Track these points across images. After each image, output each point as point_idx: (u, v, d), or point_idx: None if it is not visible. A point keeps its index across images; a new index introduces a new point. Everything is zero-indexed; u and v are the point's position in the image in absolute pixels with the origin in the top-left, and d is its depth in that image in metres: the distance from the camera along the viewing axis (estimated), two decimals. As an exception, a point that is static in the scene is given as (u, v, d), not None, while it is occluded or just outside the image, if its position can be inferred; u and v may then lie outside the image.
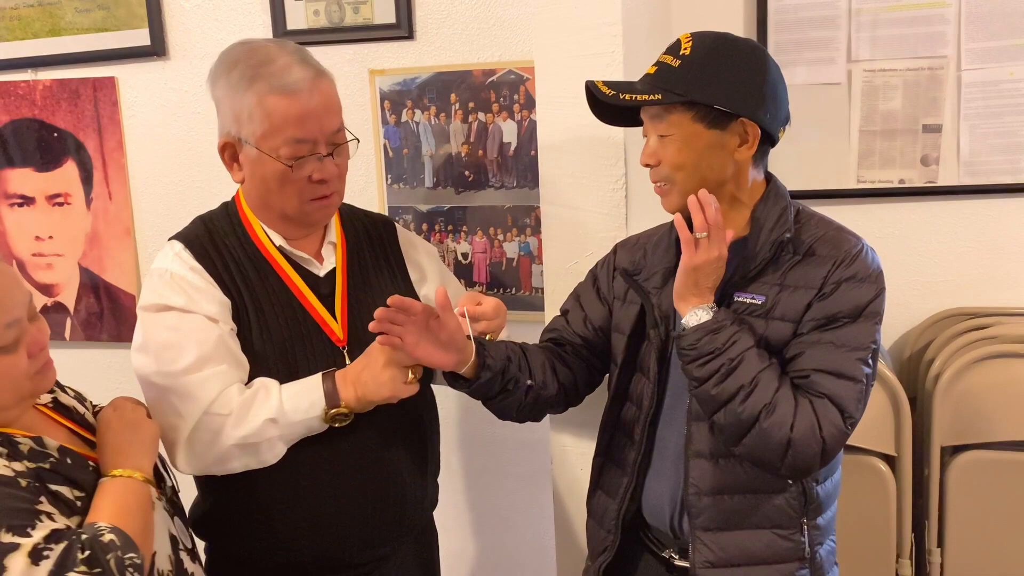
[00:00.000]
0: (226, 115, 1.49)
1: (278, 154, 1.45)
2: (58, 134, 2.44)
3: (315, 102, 1.45)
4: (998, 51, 1.97)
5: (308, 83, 1.44)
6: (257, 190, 1.52)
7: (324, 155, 1.48)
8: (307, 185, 1.48)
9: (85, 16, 2.36)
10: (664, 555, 1.53)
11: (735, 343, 1.32)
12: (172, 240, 1.56)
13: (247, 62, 1.46)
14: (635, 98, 1.39)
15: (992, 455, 1.89)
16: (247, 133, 1.46)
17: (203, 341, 1.45)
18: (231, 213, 1.59)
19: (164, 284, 1.49)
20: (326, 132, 1.48)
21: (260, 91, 1.43)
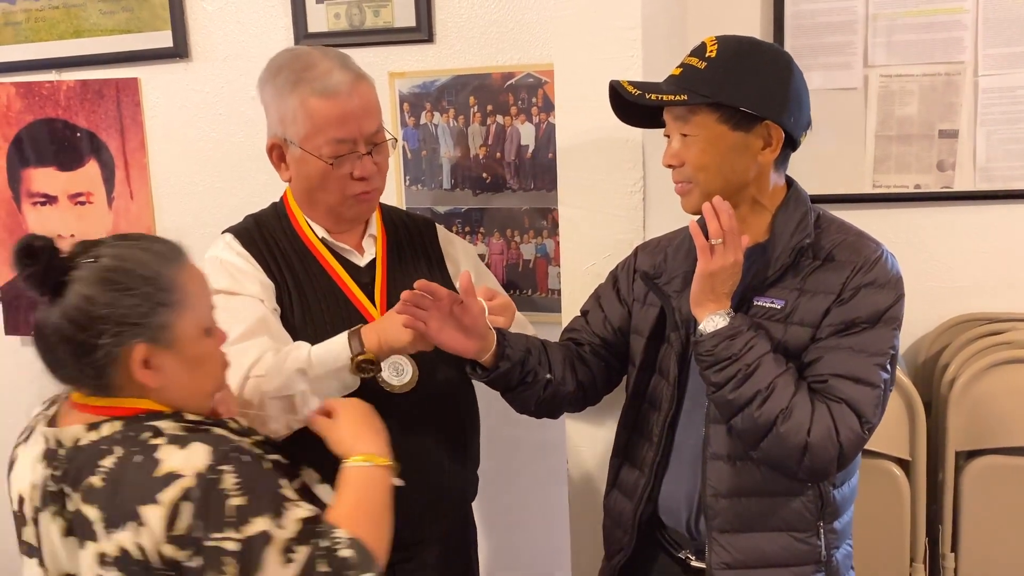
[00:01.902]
0: (273, 118, 1.58)
1: (320, 153, 1.53)
2: (81, 134, 2.46)
3: (354, 104, 1.53)
4: (1015, 57, 1.97)
5: (348, 86, 1.53)
6: (303, 187, 1.60)
7: (363, 153, 1.56)
8: (348, 182, 1.56)
9: (109, 18, 2.38)
10: (680, 556, 1.54)
11: (751, 348, 1.33)
12: (224, 233, 1.64)
13: (291, 67, 1.54)
14: (661, 98, 1.40)
15: (1007, 460, 1.89)
16: (292, 134, 1.55)
17: (246, 318, 1.51)
18: (279, 209, 1.67)
19: (213, 269, 1.55)
20: (365, 132, 1.55)
21: (303, 94, 1.52)
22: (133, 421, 1.14)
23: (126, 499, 1.07)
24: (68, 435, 1.14)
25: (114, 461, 1.10)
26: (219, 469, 1.08)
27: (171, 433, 1.12)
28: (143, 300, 1.13)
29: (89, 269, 1.11)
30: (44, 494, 1.14)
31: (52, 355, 1.15)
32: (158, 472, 1.07)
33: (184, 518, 1.05)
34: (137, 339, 1.13)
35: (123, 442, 1.11)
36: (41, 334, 1.14)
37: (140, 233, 1.20)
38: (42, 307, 1.13)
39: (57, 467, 1.13)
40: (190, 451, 1.09)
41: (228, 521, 1.06)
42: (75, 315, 1.10)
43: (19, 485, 1.19)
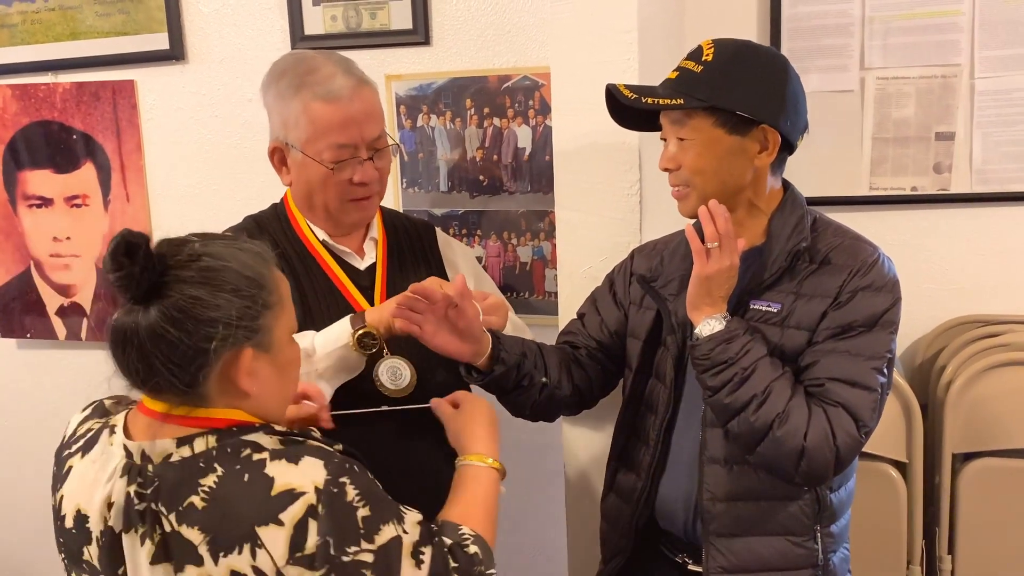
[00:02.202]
0: (275, 121, 1.58)
1: (321, 157, 1.53)
2: (77, 136, 2.46)
3: (356, 109, 1.53)
4: (1011, 59, 1.98)
5: (350, 91, 1.52)
6: (303, 191, 1.60)
7: (364, 159, 1.55)
8: (348, 186, 1.56)
9: (105, 20, 2.38)
10: (677, 560, 1.54)
11: (748, 352, 1.32)
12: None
13: (295, 71, 1.54)
14: (657, 102, 1.40)
15: (1003, 462, 1.89)
16: (293, 138, 1.55)
17: None
18: (279, 211, 1.67)
19: None
20: (367, 137, 1.55)
21: (305, 98, 1.52)
22: (227, 435, 1.06)
23: (239, 520, 1.01)
24: (157, 450, 1.06)
25: (215, 480, 1.03)
26: (339, 482, 1.04)
27: (272, 448, 1.05)
28: (252, 302, 1.08)
29: (193, 269, 1.05)
30: (129, 513, 1.06)
31: (145, 362, 1.04)
32: (275, 490, 1.01)
33: (311, 536, 1.00)
34: (245, 343, 1.07)
35: (221, 459, 1.04)
36: (130, 339, 1.03)
37: (225, 232, 1.14)
38: (130, 310, 1.04)
39: (145, 484, 1.05)
40: (304, 466, 1.04)
41: (360, 533, 1.03)
42: (180, 318, 1.03)
43: (78, 499, 1.11)
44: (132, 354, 1.04)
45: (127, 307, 1.04)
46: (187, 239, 1.09)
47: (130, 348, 1.04)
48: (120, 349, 1.05)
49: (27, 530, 2.75)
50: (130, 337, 1.03)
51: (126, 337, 1.04)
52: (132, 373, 1.06)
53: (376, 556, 1.03)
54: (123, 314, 1.04)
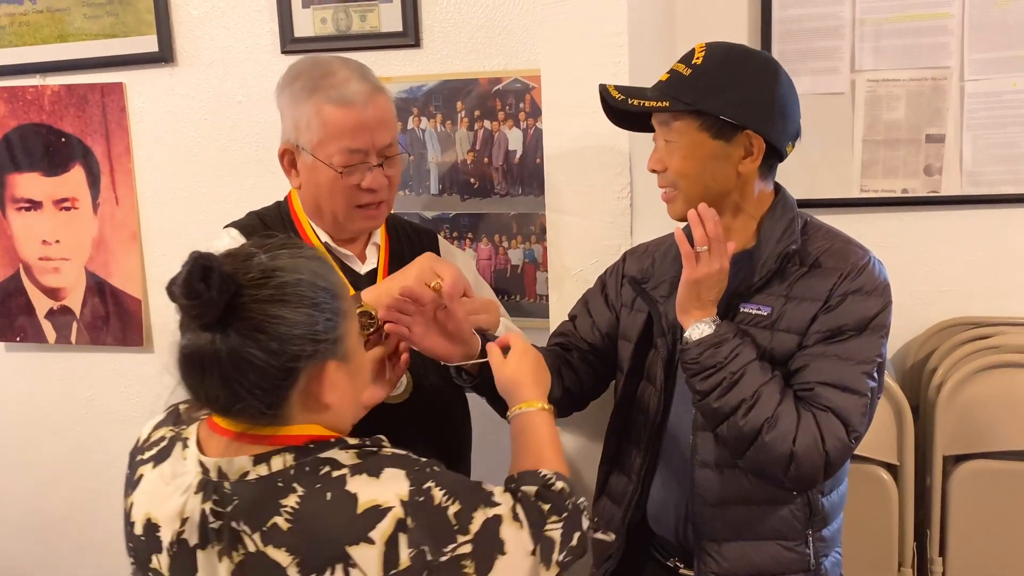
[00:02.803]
0: (287, 123, 1.57)
1: (331, 161, 1.52)
2: (66, 139, 2.45)
3: (369, 115, 1.52)
4: (1001, 62, 1.98)
5: (364, 96, 1.52)
6: (311, 195, 1.59)
7: (374, 165, 1.54)
8: (356, 192, 1.55)
9: (93, 22, 2.37)
10: (669, 563, 1.54)
11: (737, 356, 1.32)
12: (228, 227, 1.62)
13: (309, 74, 1.54)
14: (643, 104, 1.40)
15: (994, 464, 1.89)
16: (305, 141, 1.54)
17: None
18: (283, 210, 1.66)
19: None
20: (378, 144, 1.54)
21: (318, 101, 1.51)
22: (304, 453, 1.04)
23: (328, 541, 0.99)
24: (233, 467, 1.03)
25: (297, 500, 1.00)
26: (424, 488, 1.02)
27: (351, 464, 1.03)
28: (331, 313, 1.05)
29: (270, 287, 1.01)
30: (204, 530, 1.03)
31: (228, 389, 1.01)
32: (360, 508, 0.99)
33: (403, 551, 0.99)
34: (330, 357, 1.05)
35: (300, 478, 1.01)
36: (210, 366, 1.00)
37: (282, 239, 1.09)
38: (203, 335, 1.00)
39: (221, 502, 1.03)
40: (386, 479, 1.02)
41: (455, 529, 1.03)
42: (264, 340, 0.99)
43: (150, 508, 1.09)
44: (212, 381, 1.01)
45: (197, 331, 1.00)
46: (250, 252, 1.04)
47: (210, 375, 1.00)
48: (197, 377, 1.02)
49: (18, 532, 2.74)
50: (210, 364, 1.00)
51: (204, 364, 1.00)
52: (211, 400, 1.04)
53: (474, 544, 1.03)
54: (195, 339, 1.00)
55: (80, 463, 2.64)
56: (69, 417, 2.62)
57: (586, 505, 1.18)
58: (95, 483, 2.63)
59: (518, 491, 1.13)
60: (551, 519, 1.11)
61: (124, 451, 2.77)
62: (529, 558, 1.07)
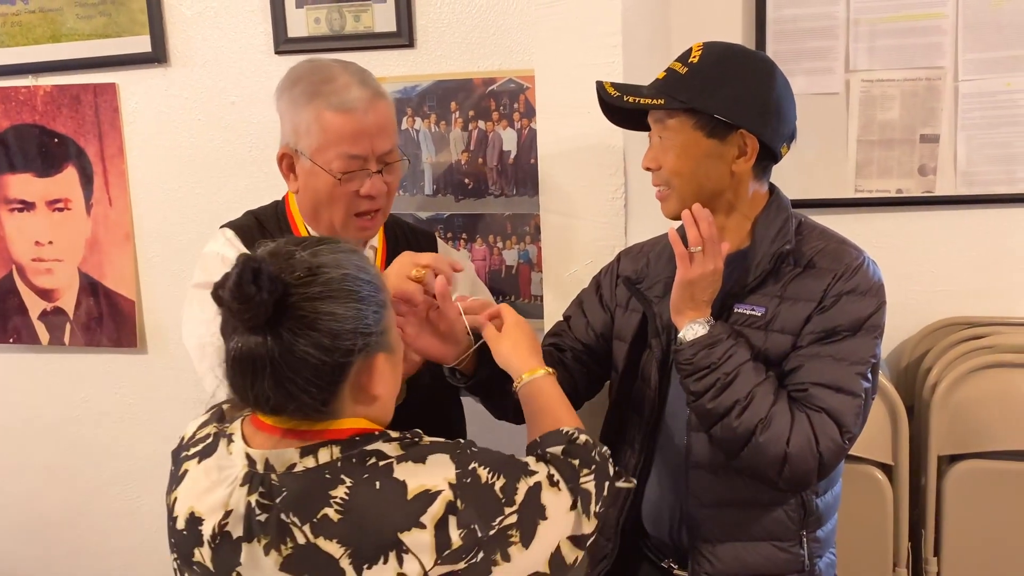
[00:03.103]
0: (286, 127, 1.56)
1: (330, 167, 1.51)
2: (59, 140, 2.44)
3: (369, 121, 1.51)
4: (995, 62, 1.98)
5: (364, 103, 1.51)
6: (310, 200, 1.58)
7: (374, 172, 1.53)
8: (354, 199, 1.54)
9: (86, 22, 2.36)
10: (663, 564, 1.54)
11: (731, 357, 1.32)
12: (224, 228, 1.62)
13: (310, 79, 1.53)
14: (638, 101, 1.40)
15: (989, 464, 1.89)
16: (304, 145, 1.53)
17: None
18: (279, 211, 1.65)
19: (216, 265, 1.54)
20: (378, 150, 1.53)
21: (319, 107, 1.50)
22: (349, 445, 1.04)
23: (380, 530, 0.99)
24: (280, 459, 1.03)
25: (347, 491, 1.00)
26: (470, 469, 1.04)
27: (396, 454, 1.04)
28: (377, 306, 1.07)
29: (317, 284, 1.01)
30: (250, 523, 1.03)
31: (280, 389, 1.01)
32: (410, 493, 1.00)
33: (454, 532, 1.00)
34: (379, 349, 1.07)
35: (347, 469, 1.02)
36: (261, 367, 1.00)
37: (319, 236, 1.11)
38: (252, 336, 1.00)
39: (268, 494, 1.02)
40: (433, 464, 1.04)
41: (502, 502, 1.05)
42: (317, 337, 1.00)
43: (192, 502, 1.09)
44: (264, 383, 1.01)
45: (246, 334, 1.00)
46: (289, 250, 1.04)
47: (262, 377, 1.01)
48: (248, 378, 1.02)
49: (12, 534, 2.73)
50: (261, 365, 1.00)
51: (256, 366, 1.00)
52: (260, 401, 1.03)
53: (519, 514, 1.05)
54: (245, 341, 1.00)
55: (74, 465, 2.63)
56: (63, 418, 2.61)
57: (609, 454, 1.21)
58: (89, 485, 2.63)
59: (546, 454, 1.16)
60: (583, 472, 1.14)
61: (119, 452, 2.78)
62: (569, 515, 1.10)
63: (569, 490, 1.11)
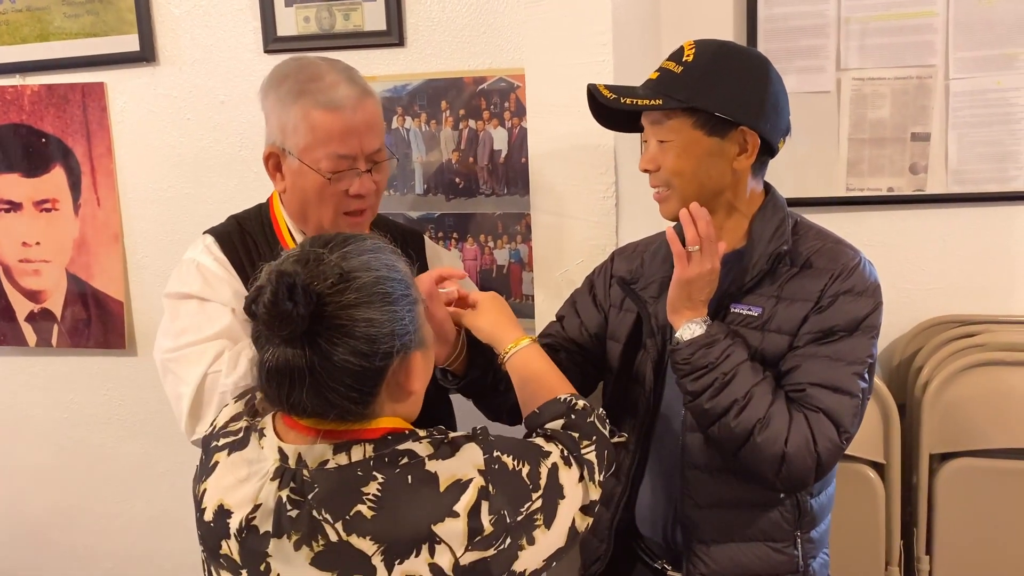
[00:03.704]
0: (273, 126, 1.54)
1: (319, 167, 1.49)
2: (46, 140, 2.42)
3: (358, 119, 1.49)
4: (985, 60, 1.99)
5: (353, 101, 1.49)
6: (297, 200, 1.56)
7: (363, 171, 1.52)
8: (343, 198, 1.52)
9: (74, 21, 2.34)
10: (657, 566, 1.53)
11: (728, 357, 1.31)
12: (205, 234, 1.61)
13: (296, 77, 1.51)
14: (636, 102, 1.39)
15: (980, 462, 1.90)
16: (291, 144, 1.51)
17: (214, 325, 1.49)
18: (263, 213, 1.64)
19: (189, 273, 1.54)
20: (366, 149, 1.51)
21: (306, 105, 1.48)
22: (382, 444, 1.03)
23: (414, 524, 0.98)
24: (313, 455, 1.03)
25: (379, 487, 0.99)
26: (496, 456, 1.05)
27: (427, 452, 1.03)
28: (411, 304, 1.06)
29: (352, 290, 1.00)
30: (282, 518, 1.02)
31: (319, 398, 1.00)
32: (443, 485, 1.00)
33: (485, 518, 1.00)
34: (415, 347, 1.06)
35: (380, 467, 1.01)
36: (300, 378, 0.99)
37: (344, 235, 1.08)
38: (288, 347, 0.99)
39: (299, 490, 1.02)
40: (463, 454, 1.04)
41: (529, 488, 1.06)
42: (358, 344, 0.99)
43: (222, 494, 1.08)
44: (304, 393, 1.00)
45: (282, 345, 0.99)
46: (318, 254, 1.02)
47: (300, 387, 1.00)
48: (285, 389, 1.01)
49: (1, 537, 2.71)
50: (300, 376, 0.99)
51: (295, 377, 0.99)
52: (299, 409, 1.03)
53: (543, 498, 1.07)
54: (281, 353, 0.99)
55: (62, 467, 2.61)
56: (51, 421, 2.59)
57: (605, 415, 1.23)
58: (78, 487, 2.61)
59: (548, 431, 1.18)
60: (583, 444, 1.16)
61: (107, 454, 2.76)
62: (578, 487, 1.11)
63: (576, 462, 1.13)
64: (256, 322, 1.00)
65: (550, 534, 1.07)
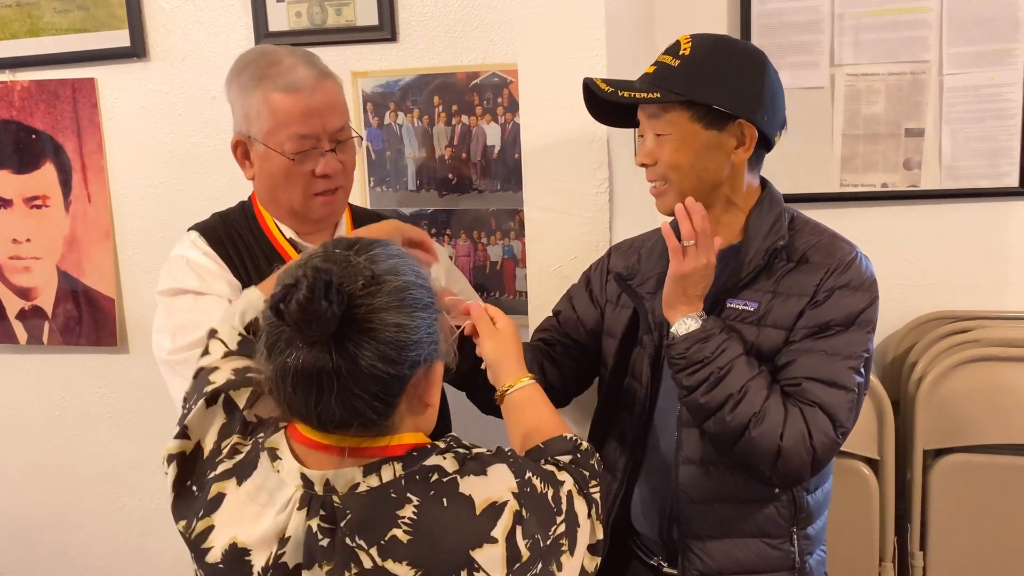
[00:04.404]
0: (238, 114, 1.56)
1: (283, 149, 1.51)
2: (36, 136, 2.41)
3: (317, 100, 1.51)
4: (979, 56, 1.99)
5: (311, 82, 1.51)
6: (266, 185, 1.58)
7: (326, 150, 1.53)
8: (311, 179, 1.54)
9: (64, 17, 2.33)
10: (652, 562, 1.52)
11: (724, 352, 1.31)
12: (190, 230, 1.61)
13: (256, 64, 1.53)
14: (635, 96, 1.38)
15: (974, 458, 1.90)
16: (255, 130, 1.53)
17: (213, 319, 1.46)
18: (246, 208, 1.65)
19: (179, 269, 1.55)
20: (328, 129, 1.53)
21: (266, 89, 1.51)
22: (410, 462, 1.00)
23: (452, 549, 0.95)
24: (341, 480, 0.99)
25: (415, 510, 0.96)
26: (527, 478, 1.03)
27: (455, 469, 1.01)
28: (436, 314, 1.03)
29: (382, 294, 0.96)
30: (312, 549, 0.97)
31: (346, 405, 0.96)
32: (479, 509, 0.98)
33: (521, 542, 0.98)
34: (437, 357, 1.03)
35: (412, 488, 0.98)
36: (328, 383, 0.95)
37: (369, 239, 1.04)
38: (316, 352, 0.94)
39: (330, 517, 0.97)
40: (494, 475, 1.01)
41: (554, 511, 1.04)
42: (386, 350, 0.95)
43: (236, 531, 1.02)
44: (330, 400, 0.96)
45: (307, 348, 0.95)
46: (344, 256, 0.99)
47: (329, 394, 0.95)
48: (312, 395, 0.96)
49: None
50: (328, 381, 0.95)
51: (323, 382, 0.95)
52: (325, 419, 0.98)
53: (566, 523, 1.05)
54: (307, 356, 0.95)
55: (54, 465, 2.60)
56: (42, 419, 2.58)
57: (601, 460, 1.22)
58: (69, 485, 2.60)
59: (559, 463, 1.15)
60: (591, 482, 1.14)
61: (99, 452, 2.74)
62: (587, 521, 1.10)
63: (585, 499, 1.11)
64: (279, 323, 0.95)
65: (573, 561, 1.05)
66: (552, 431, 1.23)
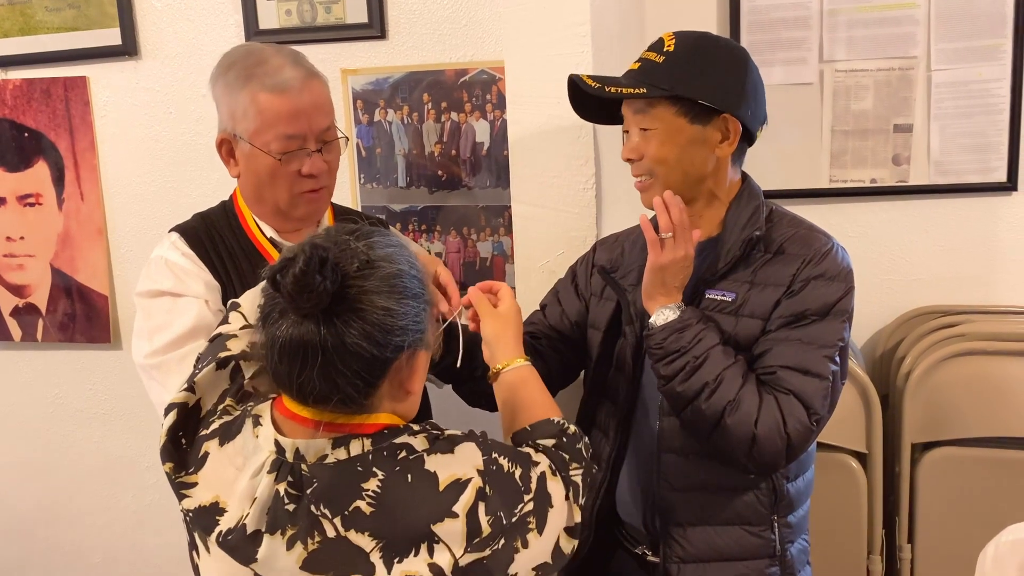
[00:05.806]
0: (223, 113, 1.56)
1: (269, 149, 1.51)
2: (29, 134, 2.41)
3: (304, 100, 1.51)
4: (967, 52, 1.99)
5: (299, 82, 1.51)
6: (251, 184, 1.57)
7: (313, 151, 1.53)
8: (296, 179, 1.54)
9: (56, 15, 2.33)
10: (637, 551, 1.53)
11: (700, 341, 1.32)
12: (171, 231, 1.61)
13: (243, 63, 1.53)
14: (620, 91, 1.39)
15: (961, 451, 1.90)
16: (242, 129, 1.52)
17: (189, 320, 1.49)
18: (227, 208, 1.65)
19: (158, 270, 1.55)
20: (315, 129, 1.53)
21: (253, 89, 1.50)
22: (379, 439, 1.03)
23: (414, 523, 0.98)
24: (312, 449, 1.02)
25: (379, 484, 0.99)
26: (493, 457, 1.05)
27: (423, 448, 1.03)
28: (425, 303, 1.07)
29: (375, 278, 1.01)
30: (276, 513, 1.01)
31: (328, 381, 1.00)
32: (442, 484, 1.00)
33: (483, 518, 1.01)
34: (422, 347, 1.07)
35: (379, 463, 1.01)
36: (312, 356, 0.98)
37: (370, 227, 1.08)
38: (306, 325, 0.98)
39: (297, 484, 1.01)
40: (460, 453, 1.04)
41: (521, 490, 1.06)
42: (372, 331, 0.99)
43: (218, 490, 1.06)
44: (312, 372, 0.99)
45: (297, 321, 0.98)
46: (344, 239, 1.03)
47: (311, 365, 0.99)
48: (296, 366, 1.00)
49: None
50: (313, 353, 0.98)
51: (308, 354, 0.98)
52: (305, 390, 1.02)
53: (535, 502, 1.07)
54: (296, 329, 0.99)
55: (48, 462, 2.61)
56: (36, 416, 2.59)
57: (588, 443, 1.23)
58: (64, 481, 2.60)
59: (538, 446, 1.17)
60: (572, 466, 1.16)
61: (93, 449, 2.75)
62: (564, 503, 1.11)
63: (562, 481, 1.12)
64: (276, 295, 0.99)
65: (542, 540, 1.07)
66: (542, 414, 1.25)
